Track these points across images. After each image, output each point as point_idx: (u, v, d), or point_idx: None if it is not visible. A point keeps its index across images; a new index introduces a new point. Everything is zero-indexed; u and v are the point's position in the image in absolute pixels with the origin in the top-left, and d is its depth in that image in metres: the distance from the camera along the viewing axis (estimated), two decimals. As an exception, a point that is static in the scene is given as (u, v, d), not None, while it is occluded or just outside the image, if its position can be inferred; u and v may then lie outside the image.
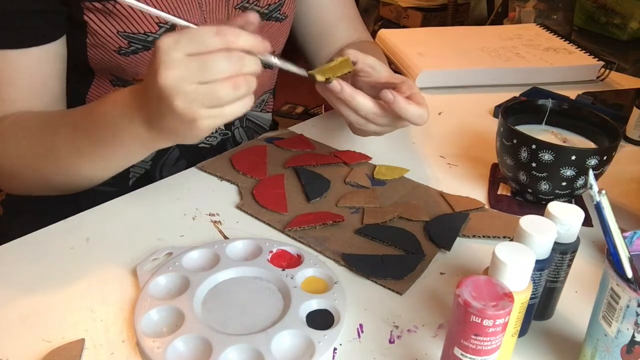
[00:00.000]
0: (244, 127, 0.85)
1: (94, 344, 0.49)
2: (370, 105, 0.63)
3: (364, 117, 0.64)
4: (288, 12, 0.80)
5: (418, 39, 1.18)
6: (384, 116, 0.64)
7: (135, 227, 0.63)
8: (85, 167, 0.61)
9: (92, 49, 0.67)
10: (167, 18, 0.51)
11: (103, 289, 0.55)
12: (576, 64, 1.08)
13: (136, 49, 0.67)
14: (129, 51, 0.67)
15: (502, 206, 0.70)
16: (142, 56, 0.68)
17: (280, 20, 0.79)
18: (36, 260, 0.58)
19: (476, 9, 3.04)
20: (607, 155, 0.64)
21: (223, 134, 0.83)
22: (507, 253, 0.43)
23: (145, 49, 0.68)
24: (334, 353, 0.49)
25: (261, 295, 0.54)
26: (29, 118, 0.64)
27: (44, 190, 0.67)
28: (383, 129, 0.67)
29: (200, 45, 0.47)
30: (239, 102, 0.49)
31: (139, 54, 0.68)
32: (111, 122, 0.56)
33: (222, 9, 0.73)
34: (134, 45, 0.67)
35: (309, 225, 0.63)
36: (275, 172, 0.74)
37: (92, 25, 0.65)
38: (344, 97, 0.62)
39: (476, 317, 0.39)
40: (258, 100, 0.85)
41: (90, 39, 0.66)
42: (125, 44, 0.66)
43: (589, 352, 0.45)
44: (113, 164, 0.61)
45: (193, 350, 0.48)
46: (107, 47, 0.66)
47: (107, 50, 0.67)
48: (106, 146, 0.58)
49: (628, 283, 0.41)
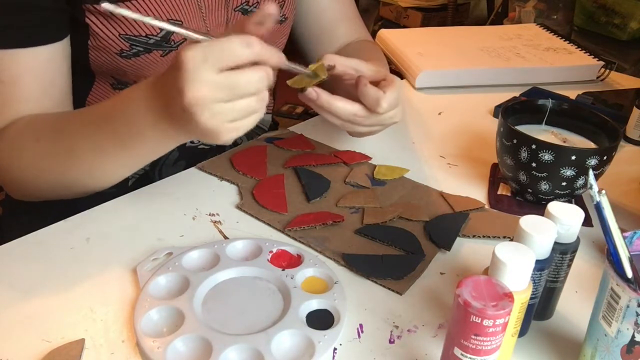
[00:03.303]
0: None
1: (94, 344, 0.49)
2: (349, 108, 0.63)
3: (347, 120, 0.64)
4: (288, 14, 0.80)
5: (418, 39, 1.18)
6: (369, 116, 0.64)
7: (135, 227, 0.63)
8: (109, 166, 0.60)
9: (93, 51, 0.67)
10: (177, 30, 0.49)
11: (103, 289, 0.55)
12: (576, 64, 1.08)
13: (138, 51, 0.67)
14: (131, 54, 0.67)
15: (502, 206, 0.70)
16: (144, 59, 0.68)
17: (280, 22, 0.80)
18: (36, 260, 0.58)
19: (476, 9, 3.04)
20: (607, 155, 0.64)
21: None
22: (507, 253, 0.43)
23: (147, 52, 0.68)
24: (334, 353, 0.49)
25: (261, 295, 0.54)
26: (43, 120, 0.63)
27: (58, 193, 0.66)
28: (371, 129, 0.67)
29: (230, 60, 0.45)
30: (258, 114, 0.50)
31: (140, 57, 0.68)
32: (134, 120, 0.54)
33: (221, 11, 0.73)
34: (135, 47, 0.67)
35: (309, 225, 0.63)
36: (275, 172, 0.74)
37: (94, 27, 0.65)
38: (321, 104, 0.62)
39: (476, 317, 0.39)
40: None
41: (92, 41, 0.66)
42: (127, 47, 0.66)
43: (589, 352, 0.45)
44: (140, 159, 0.60)
45: (193, 350, 0.48)
46: (108, 49, 0.66)
47: (109, 52, 0.67)
48: (133, 144, 0.56)
49: (628, 283, 0.41)
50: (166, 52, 0.69)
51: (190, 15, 0.69)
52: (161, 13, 0.67)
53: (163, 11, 0.67)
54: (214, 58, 0.45)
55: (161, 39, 0.67)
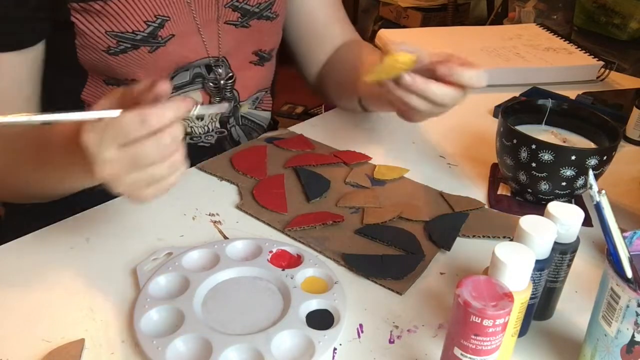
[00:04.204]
0: (240, 125, 0.85)
1: (94, 344, 0.49)
2: (447, 90, 0.62)
3: (440, 103, 0.64)
4: (279, 11, 0.81)
5: (418, 39, 1.18)
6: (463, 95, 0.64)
7: (135, 227, 0.63)
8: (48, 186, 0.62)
9: (81, 49, 0.68)
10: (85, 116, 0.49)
11: (103, 289, 0.55)
12: (576, 64, 1.08)
13: (125, 48, 0.67)
14: (118, 50, 0.67)
15: (502, 206, 0.70)
16: (132, 55, 0.68)
17: (271, 19, 0.80)
18: (36, 260, 0.58)
19: (476, 9, 3.04)
20: (607, 155, 0.64)
21: (219, 132, 0.82)
22: (507, 253, 0.43)
23: (134, 48, 0.68)
24: (333, 353, 0.49)
25: (261, 295, 0.54)
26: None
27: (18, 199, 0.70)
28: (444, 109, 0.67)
29: (126, 138, 0.47)
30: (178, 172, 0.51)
31: (128, 53, 0.68)
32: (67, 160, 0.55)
33: (212, 7, 0.73)
34: (122, 44, 0.67)
35: (309, 225, 0.63)
36: (275, 172, 0.74)
37: (80, 25, 0.65)
38: (417, 88, 0.62)
39: (476, 317, 0.39)
40: (252, 98, 0.85)
41: (79, 39, 0.66)
42: (114, 44, 0.67)
43: (589, 352, 0.45)
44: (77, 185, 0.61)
45: (193, 350, 0.48)
46: (96, 47, 0.67)
47: (96, 50, 0.67)
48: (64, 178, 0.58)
49: (628, 283, 0.41)
50: (154, 48, 0.69)
51: (178, 11, 0.69)
52: (149, 10, 0.67)
53: (150, 8, 0.67)
54: (110, 138, 0.46)
55: (148, 35, 0.68)
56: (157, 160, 0.48)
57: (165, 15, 0.68)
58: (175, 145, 0.48)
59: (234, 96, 0.81)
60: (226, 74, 0.79)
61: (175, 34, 0.70)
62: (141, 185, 0.49)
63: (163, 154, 0.48)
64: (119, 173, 0.47)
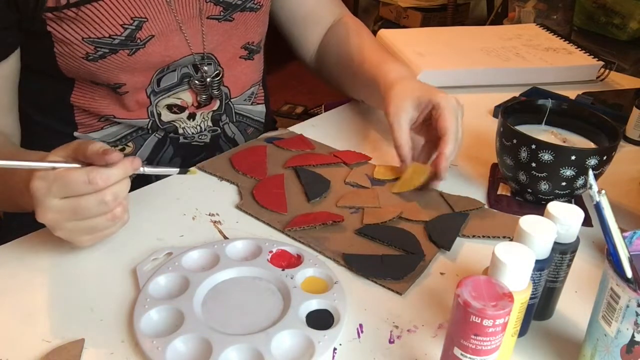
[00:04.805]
0: (234, 122, 0.85)
1: (94, 344, 0.49)
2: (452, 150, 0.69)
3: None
4: (262, 1, 0.80)
5: (418, 39, 1.18)
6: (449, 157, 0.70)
7: (135, 227, 0.63)
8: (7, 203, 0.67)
9: (61, 58, 0.67)
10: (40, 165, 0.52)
11: (103, 289, 0.55)
12: (576, 64, 1.08)
13: (103, 53, 0.67)
14: (97, 56, 0.67)
15: (501, 206, 0.70)
16: (111, 60, 0.68)
17: (255, 10, 0.79)
18: (36, 260, 0.58)
19: (476, 9, 3.05)
20: (607, 155, 0.64)
21: (212, 130, 0.82)
22: (507, 253, 0.43)
23: (112, 53, 0.67)
24: (333, 353, 0.49)
25: (261, 295, 0.54)
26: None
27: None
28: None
29: (71, 192, 0.51)
30: (119, 224, 0.55)
31: (107, 58, 0.68)
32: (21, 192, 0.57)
33: (193, 3, 0.72)
34: (100, 49, 0.67)
35: (309, 225, 0.63)
36: (275, 172, 0.74)
37: (57, 34, 0.65)
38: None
39: (476, 317, 0.39)
40: (246, 94, 0.85)
41: (58, 48, 0.66)
42: (92, 50, 0.66)
43: (589, 352, 0.45)
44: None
45: (193, 350, 0.48)
46: (74, 54, 0.67)
47: (75, 57, 0.67)
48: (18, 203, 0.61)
49: (628, 283, 0.41)
50: (133, 51, 0.68)
51: (156, 11, 0.69)
52: (124, 12, 0.66)
53: (126, 10, 0.66)
54: (57, 189, 0.51)
55: (125, 38, 0.67)
56: (97, 215, 0.52)
57: (143, 17, 0.68)
58: (116, 202, 0.52)
59: (222, 93, 0.81)
60: (213, 71, 0.78)
61: (155, 34, 0.69)
62: (80, 232, 0.53)
63: (103, 209, 0.52)
64: (60, 220, 0.52)
